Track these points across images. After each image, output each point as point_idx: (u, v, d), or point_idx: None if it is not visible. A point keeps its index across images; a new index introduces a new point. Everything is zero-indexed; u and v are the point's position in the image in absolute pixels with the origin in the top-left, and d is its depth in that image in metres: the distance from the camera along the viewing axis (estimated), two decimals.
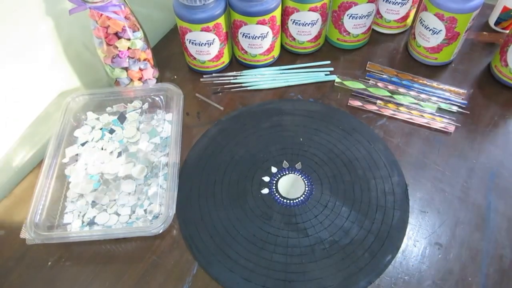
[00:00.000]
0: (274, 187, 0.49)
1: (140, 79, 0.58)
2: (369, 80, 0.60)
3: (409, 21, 0.67)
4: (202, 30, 0.55)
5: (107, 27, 0.50)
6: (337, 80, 0.60)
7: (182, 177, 0.50)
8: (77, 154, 0.52)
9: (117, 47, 0.52)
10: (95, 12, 0.48)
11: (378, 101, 0.57)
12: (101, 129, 0.55)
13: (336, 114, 0.56)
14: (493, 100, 0.57)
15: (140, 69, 0.57)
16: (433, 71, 0.61)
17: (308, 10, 0.57)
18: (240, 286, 0.42)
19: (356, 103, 0.57)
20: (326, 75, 0.61)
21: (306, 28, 0.60)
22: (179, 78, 0.63)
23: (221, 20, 0.55)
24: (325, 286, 0.42)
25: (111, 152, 0.52)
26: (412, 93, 0.58)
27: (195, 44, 0.57)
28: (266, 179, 0.50)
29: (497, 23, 0.66)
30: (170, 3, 0.56)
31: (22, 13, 0.47)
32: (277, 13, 0.56)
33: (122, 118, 0.56)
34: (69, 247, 0.45)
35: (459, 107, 0.56)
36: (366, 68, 0.62)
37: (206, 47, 0.57)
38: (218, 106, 0.58)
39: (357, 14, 0.59)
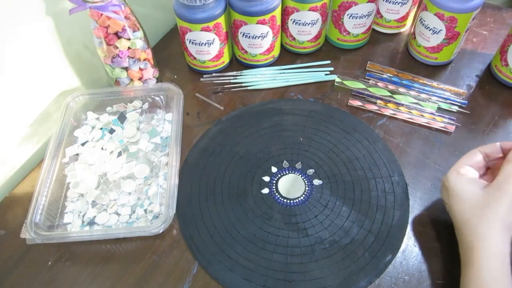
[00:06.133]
0: (274, 187, 0.49)
1: (140, 79, 0.58)
2: (369, 80, 0.60)
3: (409, 20, 0.67)
4: (202, 30, 0.55)
5: (107, 27, 0.50)
6: (337, 79, 0.60)
7: (182, 177, 0.50)
8: (77, 154, 0.52)
9: (117, 47, 0.52)
10: (95, 12, 0.48)
11: (378, 101, 0.57)
12: (101, 129, 0.55)
13: (336, 114, 0.56)
14: (493, 100, 0.57)
15: (140, 69, 0.57)
16: (433, 71, 0.61)
17: (308, 10, 0.57)
18: (240, 286, 0.42)
19: (356, 102, 0.57)
20: (326, 74, 0.61)
21: (306, 28, 0.60)
22: (179, 78, 0.63)
23: (221, 20, 0.55)
24: (325, 286, 0.42)
25: (111, 152, 0.52)
26: (412, 93, 0.58)
27: (195, 44, 0.57)
28: (266, 179, 0.50)
29: None
30: (170, 3, 0.56)
31: (22, 13, 0.47)
32: (277, 13, 0.56)
33: (122, 118, 0.56)
34: (69, 247, 0.45)
35: (459, 107, 0.56)
36: (366, 68, 0.62)
37: (206, 47, 0.57)
38: (218, 106, 0.58)
39: (357, 14, 0.59)
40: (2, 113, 0.50)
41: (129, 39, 0.52)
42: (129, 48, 0.53)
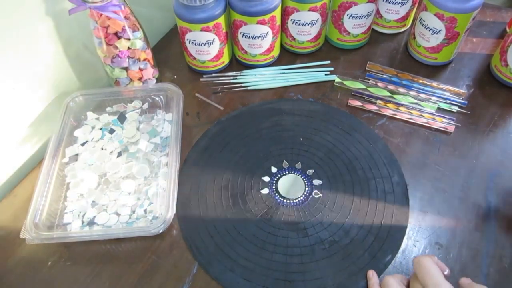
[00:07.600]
0: (274, 187, 0.49)
1: (140, 79, 0.58)
2: (369, 80, 0.60)
3: (409, 21, 0.67)
4: (202, 30, 0.55)
5: (107, 27, 0.50)
6: (337, 80, 0.60)
7: (182, 177, 0.50)
8: (77, 154, 0.52)
9: (117, 47, 0.52)
10: (95, 12, 0.48)
11: (378, 101, 0.57)
12: (101, 129, 0.55)
13: (336, 114, 0.56)
14: (493, 100, 0.57)
15: (140, 69, 0.57)
16: (433, 71, 0.61)
17: (308, 10, 0.57)
18: (240, 286, 0.42)
19: (356, 103, 0.57)
20: (326, 75, 0.61)
21: (306, 28, 0.60)
22: (179, 78, 0.63)
23: (221, 20, 0.55)
24: (325, 286, 0.42)
25: (111, 152, 0.52)
26: (412, 93, 0.58)
27: (195, 44, 0.57)
28: (266, 179, 0.50)
29: None
30: (170, 3, 0.56)
31: (22, 13, 0.47)
32: (277, 13, 0.56)
33: (122, 118, 0.56)
34: (69, 247, 0.45)
35: (459, 107, 0.56)
36: (366, 68, 0.62)
37: (206, 47, 0.57)
38: (218, 106, 0.58)
39: (357, 14, 0.59)
40: (2, 113, 0.50)
41: (129, 39, 0.52)
42: (129, 48, 0.53)
